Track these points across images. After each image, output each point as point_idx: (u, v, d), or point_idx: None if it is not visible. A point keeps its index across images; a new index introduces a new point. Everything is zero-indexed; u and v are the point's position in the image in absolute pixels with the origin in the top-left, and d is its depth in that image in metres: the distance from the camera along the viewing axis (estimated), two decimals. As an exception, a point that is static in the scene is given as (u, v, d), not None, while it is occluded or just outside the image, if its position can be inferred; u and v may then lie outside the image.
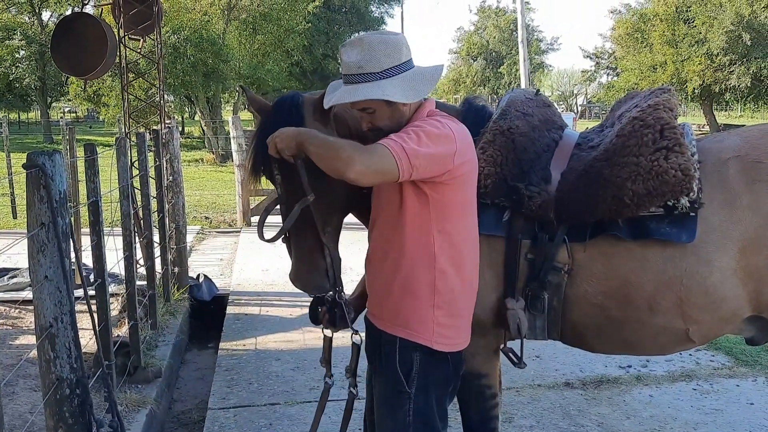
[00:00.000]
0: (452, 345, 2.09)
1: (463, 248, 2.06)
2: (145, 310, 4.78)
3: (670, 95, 2.35)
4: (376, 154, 1.85)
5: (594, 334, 2.39)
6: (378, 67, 1.97)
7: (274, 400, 4.02)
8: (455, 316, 2.08)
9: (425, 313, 2.04)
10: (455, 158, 1.95)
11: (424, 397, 2.07)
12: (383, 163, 1.85)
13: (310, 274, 2.18)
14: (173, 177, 6.08)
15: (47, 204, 2.16)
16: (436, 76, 2.04)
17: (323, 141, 1.93)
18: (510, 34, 48.70)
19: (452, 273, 2.04)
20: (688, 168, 2.16)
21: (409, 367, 2.06)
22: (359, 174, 1.85)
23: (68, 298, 2.22)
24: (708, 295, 2.22)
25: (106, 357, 3.41)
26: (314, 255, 2.15)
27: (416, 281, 2.03)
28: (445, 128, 1.96)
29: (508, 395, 4.01)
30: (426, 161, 1.88)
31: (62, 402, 2.25)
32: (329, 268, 2.17)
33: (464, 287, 2.09)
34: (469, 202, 2.08)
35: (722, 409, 3.91)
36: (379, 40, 2.01)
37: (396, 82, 1.98)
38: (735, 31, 23.56)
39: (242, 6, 21.49)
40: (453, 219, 2.02)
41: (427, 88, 2.01)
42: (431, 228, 2.00)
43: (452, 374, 2.14)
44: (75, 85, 20.55)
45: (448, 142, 1.93)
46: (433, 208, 1.99)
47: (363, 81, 1.98)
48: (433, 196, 1.98)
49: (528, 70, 19.45)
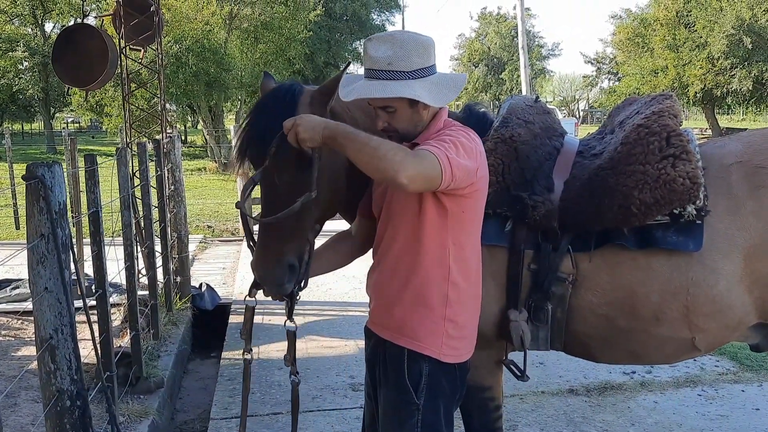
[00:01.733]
0: (459, 357, 2.08)
1: (471, 260, 2.06)
2: (147, 320, 4.77)
3: (673, 101, 2.32)
4: (426, 161, 1.80)
5: (599, 345, 2.35)
6: (409, 66, 1.92)
7: (276, 409, 4.00)
8: (463, 327, 2.07)
9: (436, 325, 2.02)
10: (478, 172, 1.95)
11: (432, 408, 2.04)
12: (432, 171, 1.80)
13: (275, 269, 2.05)
14: (175, 186, 6.08)
15: (47, 215, 2.15)
16: (460, 84, 2.02)
17: (366, 139, 1.82)
18: (511, 40, 48.78)
19: (463, 285, 2.03)
20: (696, 176, 2.13)
21: (418, 379, 2.03)
22: (410, 179, 1.77)
23: (68, 310, 2.21)
24: (715, 303, 2.19)
25: (107, 368, 3.40)
26: (287, 249, 2.03)
27: (430, 292, 2.00)
28: (472, 142, 1.95)
29: (511, 402, 3.99)
30: (462, 173, 1.87)
31: (63, 414, 2.24)
32: (303, 266, 2.08)
33: (472, 299, 2.09)
34: (481, 215, 2.08)
35: (728, 415, 3.88)
36: (412, 38, 1.96)
37: (425, 85, 1.94)
38: (736, 35, 23.57)
39: (244, 15, 21.55)
40: (467, 231, 2.02)
41: (452, 95, 1.99)
42: (447, 240, 1.98)
43: (459, 384, 2.13)
44: (77, 95, 20.61)
45: (476, 155, 1.94)
46: (450, 220, 1.97)
47: (391, 78, 1.92)
48: (452, 208, 1.96)
49: (529, 75, 19.49)
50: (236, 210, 2.26)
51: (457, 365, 2.08)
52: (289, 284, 2.08)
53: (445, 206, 1.95)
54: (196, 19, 20.15)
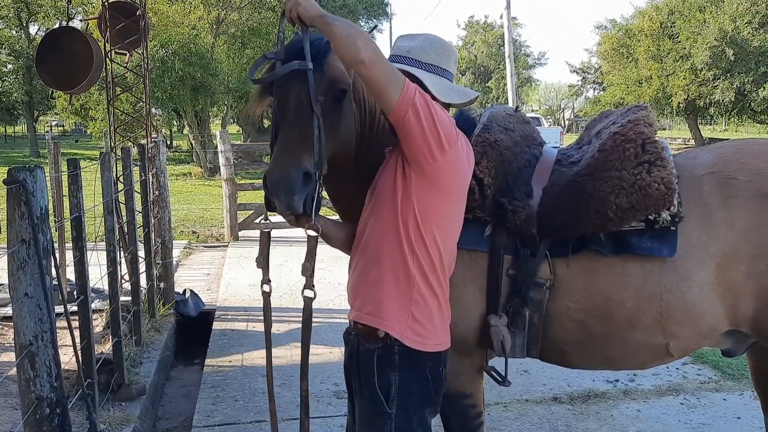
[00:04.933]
0: (423, 345, 2.04)
1: (440, 251, 2.04)
2: (130, 327, 4.72)
3: (648, 112, 2.38)
4: (391, 68, 1.89)
5: (574, 351, 2.37)
6: (424, 57, 2.05)
7: (260, 417, 3.97)
8: (429, 315, 2.05)
9: (402, 306, 2.02)
10: (451, 154, 1.95)
11: (405, 417, 2.04)
12: (392, 76, 1.86)
13: (290, 171, 1.93)
14: (159, 191, 6.04)
15: (28, 220, 2.13)
16: (470, 95, 2.13)
17: (349, 24, 1.92)
18: (498, 48, 49.14)
19: (430, 274, 2.03)
20: (670, 181, 2.18)
21: (388, 387, 2.04)
22: (370, 62, 1.82)
23: (49, 316, 2.19)
24: (687, 310, 2.23)
25: (88, 374, 3.36)
26: (305, 156, 1.96)
27: (397, 271, 2.01)
28: (461, 138, 2.02)
29: (495, 410, 4.00)
30: (423, 116, 1.88)
31: (42, 422, 2.21)
32: (317, 181, 1.98)
33: (438, 291, 2.07)
34: (453, 215, 2.08)
35: (709, 423, 3.91)
36: (436, 39, 2.09)
37: (433, 78, 2.04)
38: (718, 47, 23.89)
39: (231, 20, 21.52)
40: (436, 224, 2.01)
41: (457, 98, 2.09)
42: (418, 223, 1.99)
43: (432, 393, 2.10)
44: (62, 99, 20.44)
45: (455, 142, 1.98)
46: (419, 201, 1.98)
47: (404, 63, 2.05)
48: (419, 185, 1.97)
49: (515, 84, 19.61)
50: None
51: (429, 372, 2.06)
52: (300, 197, 1.96)
53: (412, 183, 1.97)
54: (183, 23, 20.10)
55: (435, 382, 2.09)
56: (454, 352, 2.35)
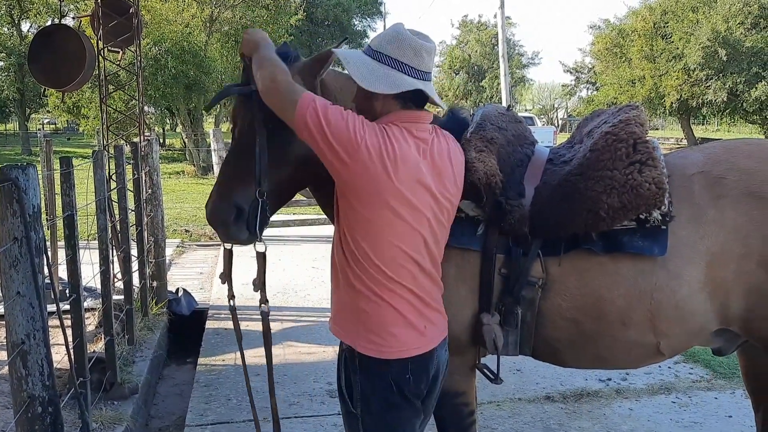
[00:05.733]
0: (380, 353, 1.97)
1: (381, 264, 1.94)
2: (122, 325, 4.71)
3: (639, 111, 2.38)
4: (287, 92, 1.93)
5: (567, 349, 2.38)
6: (376, 45, 2.00)
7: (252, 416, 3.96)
8: (380, 325, 1.97)
9: (352, 315, 2.00)
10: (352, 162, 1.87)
11: (372, 419, 2.02)
12: (286, 100, 1.92)
13: (220, 205, 2.14)
14: (152, 190, 6.02)
15: (20, 218, 2.12)
16: (400, 87, 1.94)
17: (262, 56, 2.01)
18: (491, 48, 49.11)
19: (367, 280, 1.95)
20: (661, 181, 2.19)
21: (351, 389, 2.03)
22: (265, 91, 1.97)
23: (41, 315, 2.18)
24: (678, 308, 2.24)
25: (80, 373, 3.35)
26: (235, 190, 2.12)
27: (345, 280, 2.00)
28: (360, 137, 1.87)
29: (488, 409, 4.01)
30: (318, 131, 1.88)
31: (34, 421, 2.20)
32: (253, 213, 2.10)
33: (393, 300, 1.97)
34: (383, 220, 1.92)
35: (701, 422, 3.93)
36: (397, 28, 2.01)
37: (361, 67, 1.96)
38: (711, 47, 23.97)
39: (224, 18, 21.46)
40: (362, 233, 1.94)
41: (384, 86, 1.93)
42: (345, 229, 1.97)
43: (402, 399, 2.01)
44: (54, 96, 20.35)
45: (349, 142, 1.87)
46: (345, 207, 1.96)
47: (363, 52, 2.03)
48: (343, 190, 1.96)
49: (509, 83, 19.65)
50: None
51: (393, 379, 1.98)
52: (238, 227, 2.13)
53: (339, 189, 1.98)
54: (176, 21, 20.03)
55: (402, 388, 1.99)
56: (449, 352, 2.35)
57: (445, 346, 2.13)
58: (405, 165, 1.91)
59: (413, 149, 1.94)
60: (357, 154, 1.86)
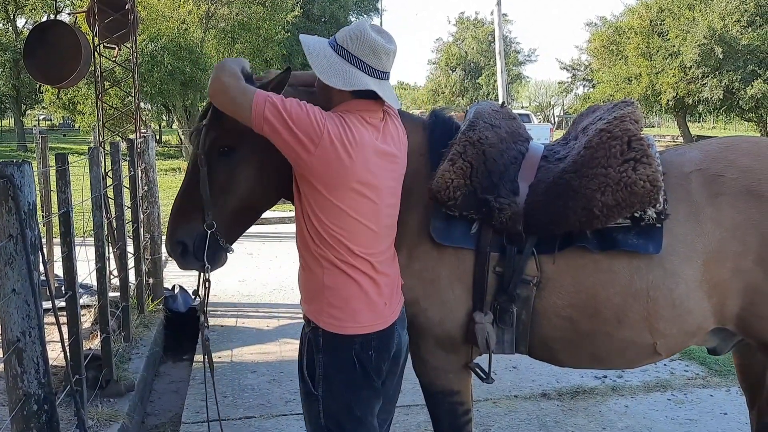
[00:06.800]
0: (341, 328, 2.06)
1: (350, 242, 2.04)
2: (119, 322, 4.70)
3: (634, 108, 2.36)
4: (238, 92, 1.97)
5: (562, 348, 2.37)
6: (339, 38, 2.07)
7: (249, 413, 3.97)
8: (345, 300, 2.05)
9: (318, 290, 2.07)
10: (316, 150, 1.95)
11: (332, 399, 2.08)
12: (238, 100, 1.97)
13: (168, 243, 2.24)
14: (148, 187, 6.00)
15: (15, 215, 2.11)
16: (356, 84, 2.03)
17: (221, 64, 2.05)
18: (488, 45, 49.17)
19: (332, 258, 2.04)
20: (655, 179, 2.17)
21: (313, 369, 2.09)
22: (214, 94, 2.02)
23: (36, 312, 2.17)
24: (675, 307, 2.23)
25: (76, 370, 3.34)
26: (178, 229, 2.21)
27: (309, 257, 2.08)
28: (325, 119, 1.97)
29: (484, 406, 4.01)
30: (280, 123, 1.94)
31: (30, 418, 2.19)
32: (200, 248, 2.20)
33: (357, 276, 2.06)
34: (349, 202, 2.02)
35: (696, 419, 3.95)
36: (360, 24, 2.09)
37: (322, 60, 2.04)
38: (707, 45, 24.00)
39: (221, 15, 21.43)
40: (328, 215, 2.02)
41: (340, 82, 2.02)
42: (307, 208, 2.04)
43: (361, 377, 2.08)
44: (50, 92, 20.29)
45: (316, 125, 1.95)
46: (305, 187, 2.03)
47: (329, 43, 2.10)
48: (305, 189, 2.04)
49: (505, 80, 19.63)
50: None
51: (356, 356, 2.05)
52: (186, 260, 2.24)
53: (301, 176, 2.03)
54: (173, 17, 19.98)
55: (365, 365, 2.08)
56: (441, 349, 2.35)
57: (404, 326, 2.21)
58: (362, 147, 2.01)
59: (369, 131, 2.05)
60: (320, 140, 1.94)
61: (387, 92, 2.08)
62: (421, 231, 2.30)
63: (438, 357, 2.38)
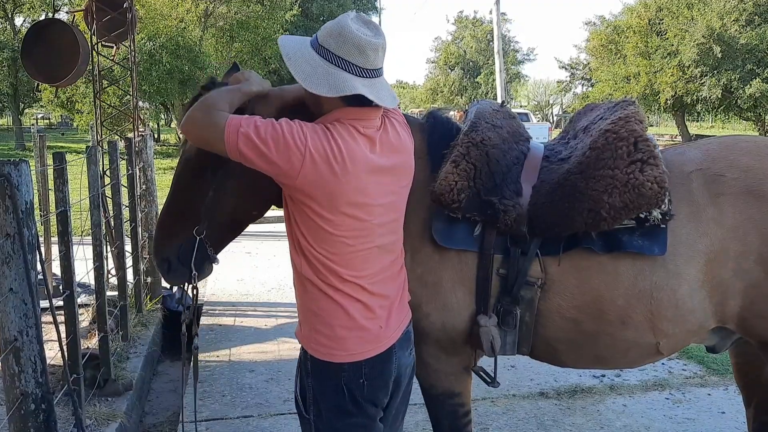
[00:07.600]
0: (331, 356, 1.93)
1: (338, 266, 1.90)
2: (116, 321, 4.70)
3: (637, 108, 2.35)
4: (209, 125, 1.85)
5: (566, 349, 2.36)
6: (321, 38, 1.87)
7: (247, 412, 3.97)
8: (330, 327, 1.93)
9: (305, 316, 1.99)
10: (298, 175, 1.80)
11: (323, 424, 1.98)
12: (209, 133, 1.85)
13: (155, 259, 2.23)
14: (147, 185, 6.00)
15: (13, 214, 2.11)
16: (342, 90, 1.82)
17: (201, 100, 1.92)
18: (487, 44, 49.20)
19: (319, 283, 1.91)
20: (663, 180, 2.16)
21: (305, 392, 2.00)
22: (186, 132, 1.93)
23: (34, 311, 2.17)
24: (678, 308, 2.22)
25: (74, 370, 3.33)
26: (163, 245, 2.19)
27: (298, 282, 1.99)
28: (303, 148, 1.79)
29: (483, 405, 4.02)
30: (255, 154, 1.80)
31: (27, 418, 2.19)
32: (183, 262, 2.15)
33: (345, 302, 1.92)
34: (337, 224, 1.86)
35: (694, 418, 3.95)
36: (343, 22, 1.88)
37: (305, 66, 1.85)
38: (706, 44, 24.00)
39: (219, 13, 21.41)
40: (314, 236, 1.89)
41: (325, 90, 1.82)
42: (296, 231, 1.92)
43: (352, 405, 1.95)
44: (48, 91, 20.26)
45: (295, 150, 1.79)
46: (295, 211, 1.91)
47: (311, 43, 1.91)
48: (293, 197, 1.89)
49: (504, 80, 19.63)
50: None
51: (345, 383, 1.92)
52: (174, 275, 2.20)
53: (289, 195, 1.93)
54: (171, 16, 19.97)
55: (355, 393, 1.94)
56: (444, 353, 2.33)
57: (408, 349, 2.07)
58: (353, 163, 1.83)
59: (361, 145, 1.86)
60: (302, 165, 1.79)
61: (381, 92, 1.87)
62: (423, 234, 2.27)
63: (440, 360, 2.37)
